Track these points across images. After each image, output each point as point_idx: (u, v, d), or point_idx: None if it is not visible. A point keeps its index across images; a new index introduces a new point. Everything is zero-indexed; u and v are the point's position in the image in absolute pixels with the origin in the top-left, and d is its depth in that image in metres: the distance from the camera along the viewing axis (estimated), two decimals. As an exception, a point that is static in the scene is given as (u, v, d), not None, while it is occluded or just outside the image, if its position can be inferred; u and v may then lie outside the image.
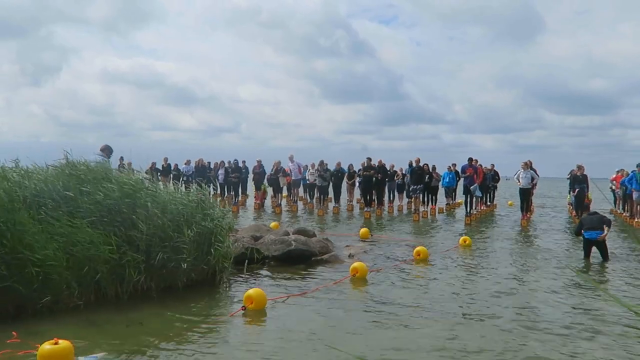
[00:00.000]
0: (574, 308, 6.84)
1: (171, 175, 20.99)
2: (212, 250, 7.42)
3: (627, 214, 19.26)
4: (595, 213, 11.16)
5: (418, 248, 10.63)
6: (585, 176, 18.03)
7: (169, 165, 22.70)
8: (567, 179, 20.55)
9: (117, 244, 6.56)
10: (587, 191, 18.25)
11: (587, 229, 10.41)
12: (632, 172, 17.84)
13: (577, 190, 17.84)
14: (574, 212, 18.72)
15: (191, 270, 7.21)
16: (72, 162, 7.56)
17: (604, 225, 10.31)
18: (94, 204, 6.80)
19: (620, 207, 21.36)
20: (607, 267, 9.75)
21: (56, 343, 4.48)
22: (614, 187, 22.15)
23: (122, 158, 14.13)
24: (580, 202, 18.00)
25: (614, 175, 21.68)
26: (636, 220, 17.35)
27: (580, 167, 18.27)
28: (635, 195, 17.26)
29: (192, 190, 8.18)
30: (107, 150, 10.38)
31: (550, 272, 9.20)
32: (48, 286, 5.99)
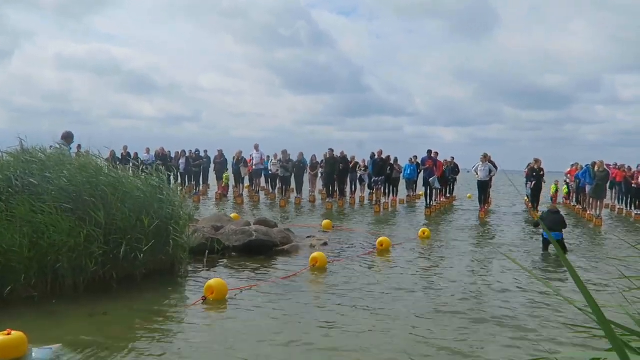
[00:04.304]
0: (528, 300, 7.04)
1: (131, 164, 20.60)
2: (171, 240, 7.33)
3: (581, 207, 19.87)
4: (557, 212, 11.15)
5: (381, 238, 10.74)
6: (542, 169, 18.50)
7: (129, 153, 22.24)
8: (525, 172, 21.06)
9: (78, 232, 6.43)
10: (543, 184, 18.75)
11: (548, 228, 10.47)
12: (585, 166, 18.39)
13: (533, 183, 18.28)
14: (530, 204, 19.20)
15: (150, 261, 7.11)
16: (28, 150, 7.34)
17: (562, 228, 10.48)
18: (57, 190, 6.64)
19: (574, 199, 22.02)
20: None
21: (9, 334, 4.37)
22: (568, 181, 22.84)
23: (79, 146, 13.79)
24: (537, 195, 18.46)
25: (569, 169, 22.35)
26: (589, 212, 17.90)
27: (537, 161, 18.71)
28: (588, 188, 17.80)
29: (150, 177, 7.95)
30: (68, 138, 9.64)
31: (507, 263, 9.42)
32: (6, 276, 5.87)
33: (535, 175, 18.20)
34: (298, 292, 7.04)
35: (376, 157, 20.69)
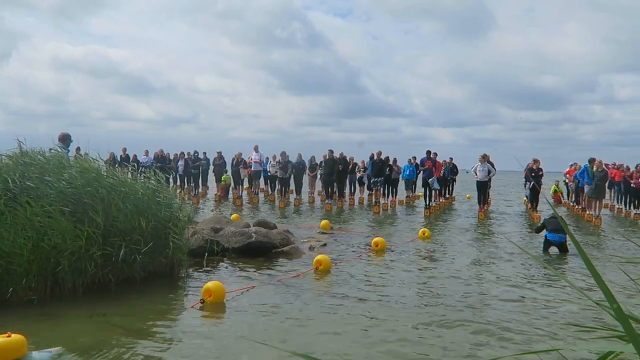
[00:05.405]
0: (528, 300, 7.04)
1: (129, 166, 20.61)
2: (170, 242, 7.32)
3: (580, 207, 19.86)
4: (560, 217, 11.39)
5: (376, 239, 10.74)
6: (541, 169, 18.49)
7: (128, 156, 22.29)
8: (524, 172, 21.05)
9: (79, 235, 6.43)
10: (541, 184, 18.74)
11: (552, 230, 10.55)
12: (584, 166, 18.39)
13: (532, 183, 18.28)
14: (530, 204, 19.19)
15: (149, 263, 7.11)
16: (26, 152, 7.34)
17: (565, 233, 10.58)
18: (57, 193, 6.63)
19: (573, 200, 22.01)
20: (565, 259, 10.03)
21: (9, 336, 4.37)
22: (567, 181, 22.84)
23: (78, 149, 13.77)
24: (535, 195, 18.46)
25: (568, 169, 22.36)
26: (587, 212, 17.90)
27: (536, 161, 18.70)
28: (586, 188, 17.79)
29: (148, 179, 7.93)
30: (66, 140, 9.38)
31: (506, 264, 9.43)
32: (7, 278, 5.89)
33: (533, 176, 18.19)
34: (296, 295, 7.03)
35: (375, 158, 20.70)
